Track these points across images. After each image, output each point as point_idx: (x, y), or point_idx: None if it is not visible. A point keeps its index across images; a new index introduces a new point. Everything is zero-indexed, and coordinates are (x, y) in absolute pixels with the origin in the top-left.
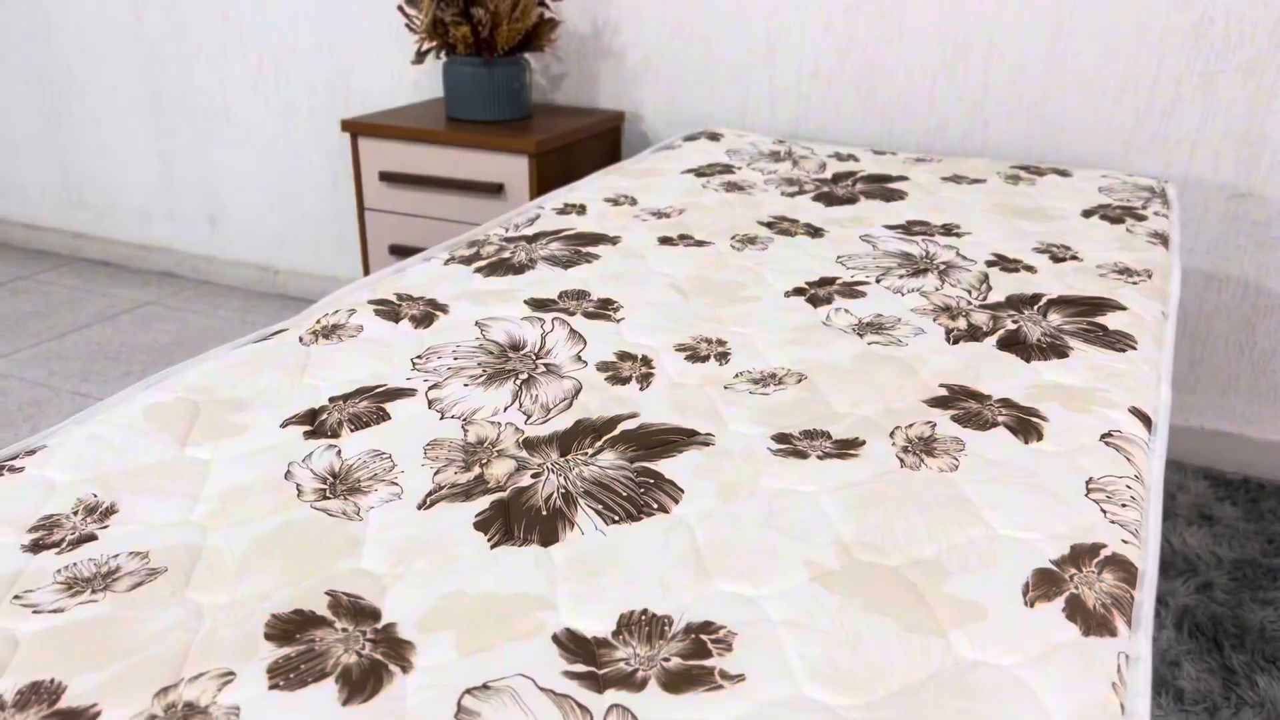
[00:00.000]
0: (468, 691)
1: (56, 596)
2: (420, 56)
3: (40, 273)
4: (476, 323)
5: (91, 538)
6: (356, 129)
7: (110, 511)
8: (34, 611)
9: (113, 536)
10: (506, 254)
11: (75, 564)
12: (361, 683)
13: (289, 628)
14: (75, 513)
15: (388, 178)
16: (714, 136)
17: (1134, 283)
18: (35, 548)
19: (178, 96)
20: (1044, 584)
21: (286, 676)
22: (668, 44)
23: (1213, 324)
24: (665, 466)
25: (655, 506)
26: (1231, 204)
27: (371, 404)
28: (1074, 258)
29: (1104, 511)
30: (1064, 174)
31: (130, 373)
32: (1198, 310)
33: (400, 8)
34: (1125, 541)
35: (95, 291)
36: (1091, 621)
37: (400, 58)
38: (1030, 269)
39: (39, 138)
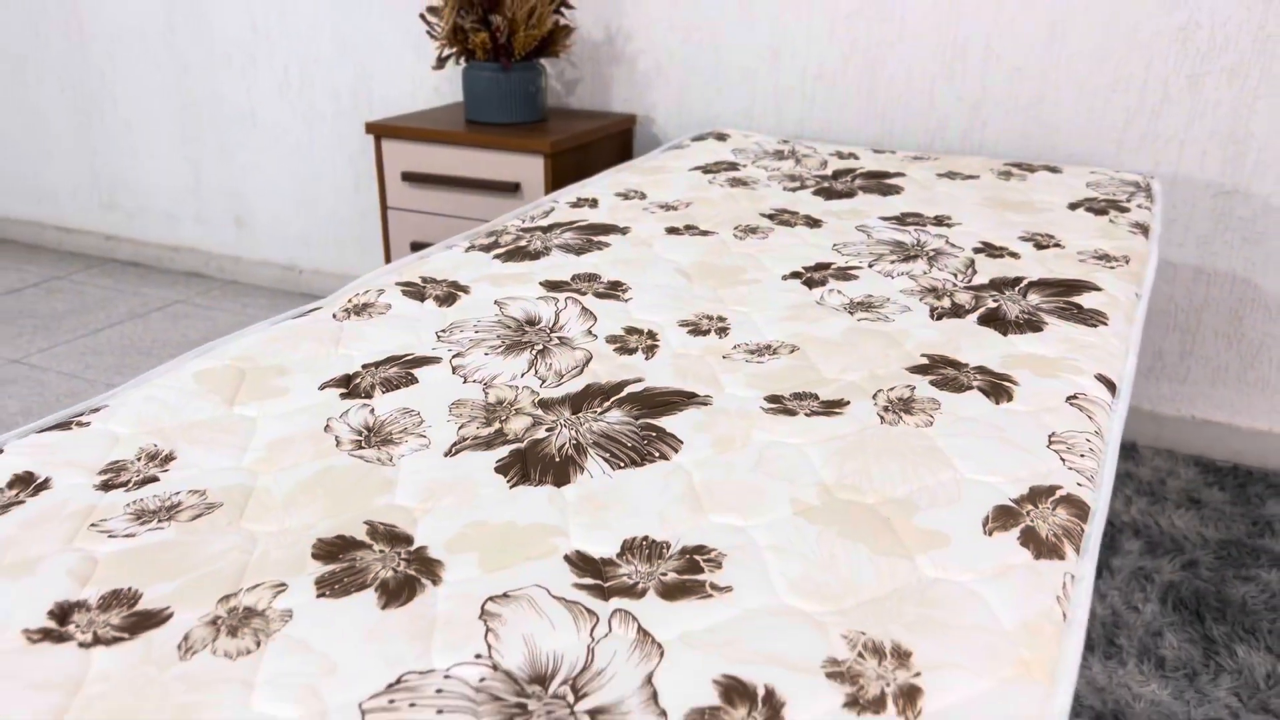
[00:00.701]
0: (490, 599)
1: (128, 524)
2: (441, 62)
3: (74, 273)
4: (495, 301)
5: (154, 479)
6: (380, 131)
7: (169, 459)
8: (109, 536)
9: (173, 478)
10: (523, 242)
11: (142, 499)
12: (398, 592)
13: (333, 549)
14: (138, 459)
15: (409, 178)
16: (721, 137)
17: (1111, 267)
18: (105, 487)
19: (206, 103)
20: (1003, 517)
21: (332, 587)
22: (678, 49)
23: (1202, 317)
24: (666, 422)
25: (657, 455)
26: (1218, 200)
27: (401, 370)
28: (1056, 245)
29: (1063, 460)
30: (1055, 170)
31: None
32: (1188, 304)
33: (422, 15)
34: (1080, 485)
35: (126, 291)
36: (1043, 548)
37: (420, 65)
38: (1014, 255)
39: (72, 144)
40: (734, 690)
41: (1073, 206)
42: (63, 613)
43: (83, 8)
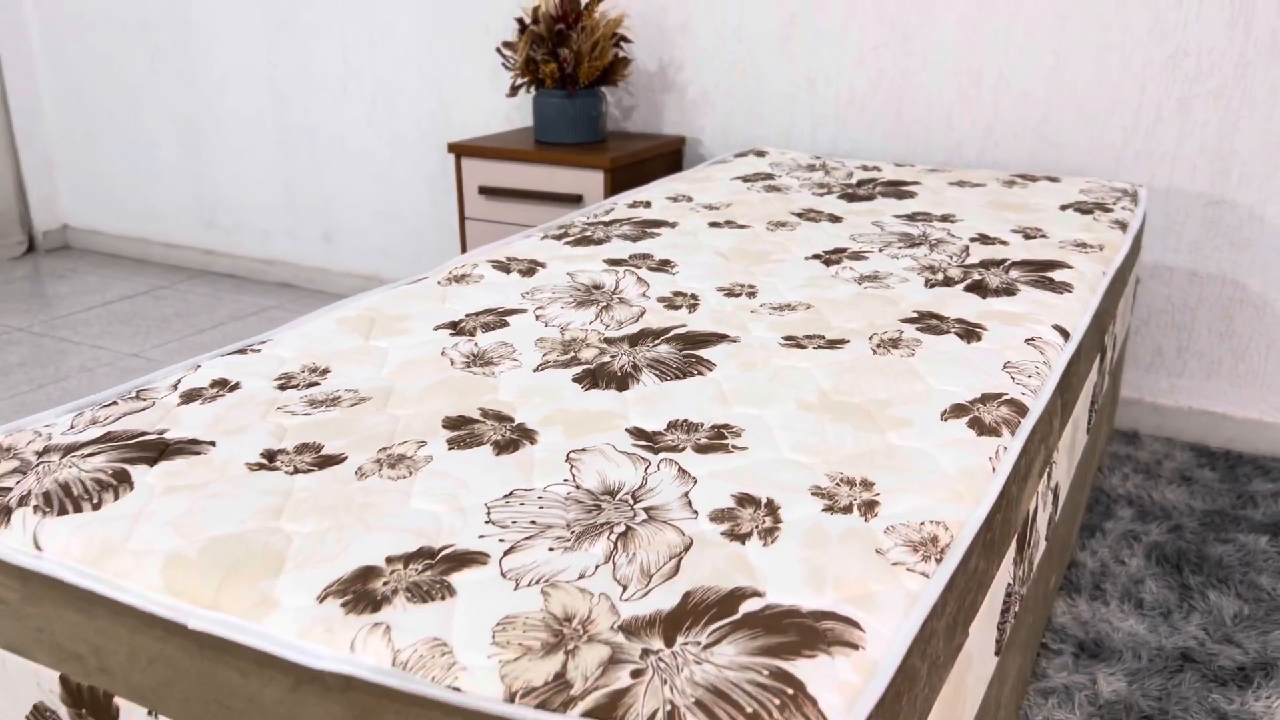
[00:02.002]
0: (572, 451)
1: (304, 408)
2: (514, 90)
3: (177, 283)
4: (568, 273)
5: (316, 384)
6: (460, 150)
7: (325, 371)
8: (292, 414)
9: (331, 383)
10: (588, 233)
11: (310, 394)
12: (506, 446)
13: (457, 423)
14: (302, 371)
15: (485, 191)
16: (760, 153)
17: (1086, 252)
18: (282, 388)
19: (301, 130)
20: (957, 411)
21: (459, 444)
22: (724, 78)
23: (1196, 315)
24: (704, 352)
25: (695, 372)
26: (1208, 210)
27: (495, 317)
28: (1042, 236)
29: (1013, 379)
30: (1054, 180)
31: None
32: (1183, 304)
33: (499, 49)
34: (1023, 394)
35: (225, 298)
36: (985, 429)
37: (493, 94)
38: (1004, 243)
39: (179, 168)
40: (744, 499)
41: (1063, 208)
42: (269, 455)
43: (195, 46)
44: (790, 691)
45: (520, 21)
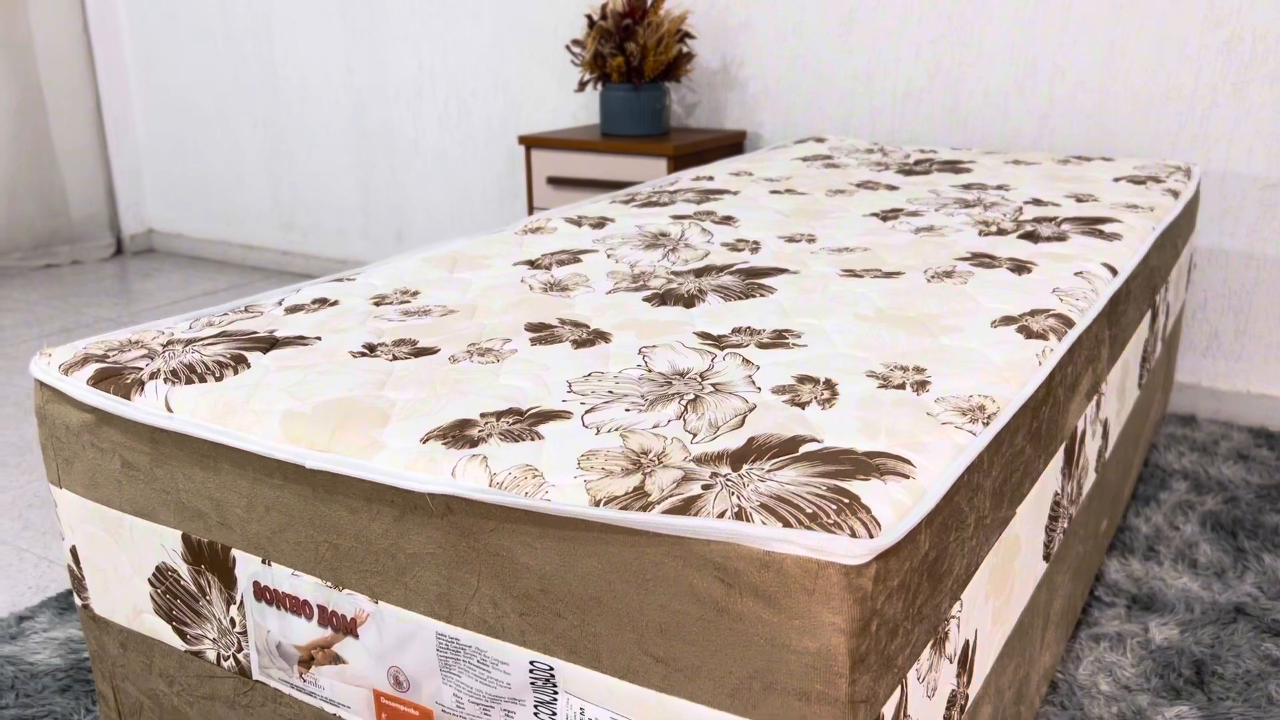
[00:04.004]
0: (643, 347)
1: (400, 317)
2: (582, 85)
3: (255, 281)
4: (636, 225)
5: (408, 302)
6: (530, 142)
7: (416, 293)
8: (388, 321)
9: (422, 301)
10: (654, 199)
11: (404, 308)
12: (584, 344)
13: (537, 327)
14: (394, 292)
15: (553, 181)
16: (820, 139)
17: (1136, 211)
18: (377, 304)
19: (377, 133)
20: (1006, 320)
21: (541, 341)
22: (785, 74)
23: (1254, 298)
24: (766, 281)
25: (757, 295)
26: (1265, 193)
27: (569, 256)
28: (1094, 200)
29: (1061, 300)
30: (1109, 160)
31: None
32: (1240, 287)
33: (568, 46)
34: (1070, 310)
35: None
36: (1032, 334)
37: (560, 96)
38: (1057, 205)
39: (259, 173)
40: (804, 379)
41: (1116, 179)
42: (369, 347)
43: (278, 56)
44: (846, 500)
45: (589, 19)
